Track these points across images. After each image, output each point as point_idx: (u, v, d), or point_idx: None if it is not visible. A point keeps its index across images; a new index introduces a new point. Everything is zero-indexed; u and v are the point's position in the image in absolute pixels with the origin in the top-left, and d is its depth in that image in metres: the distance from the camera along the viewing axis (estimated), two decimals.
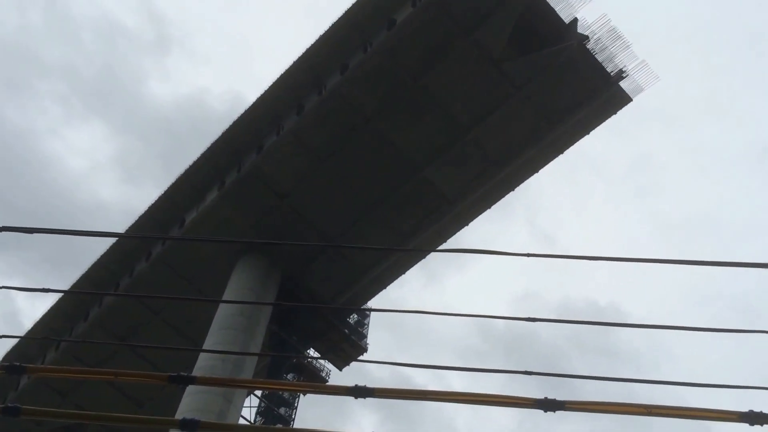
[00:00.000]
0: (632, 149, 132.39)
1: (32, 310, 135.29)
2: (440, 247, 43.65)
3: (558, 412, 7.39)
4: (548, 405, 7.28)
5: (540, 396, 7.32)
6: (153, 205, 44.48)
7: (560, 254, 9.81)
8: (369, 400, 7.56)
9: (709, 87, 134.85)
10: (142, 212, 44.85)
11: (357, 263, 43.90)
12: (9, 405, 7.31)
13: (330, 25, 38.05)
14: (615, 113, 38.41)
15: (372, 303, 47.03)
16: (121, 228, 47.81)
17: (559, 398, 7.30)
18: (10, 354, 49.63)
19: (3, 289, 9.27)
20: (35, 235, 9.55)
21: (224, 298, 41.66)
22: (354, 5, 37.45)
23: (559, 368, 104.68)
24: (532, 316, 9.37)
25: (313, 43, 38.60)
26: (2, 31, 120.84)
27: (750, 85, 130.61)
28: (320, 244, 40.57)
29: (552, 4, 35.70)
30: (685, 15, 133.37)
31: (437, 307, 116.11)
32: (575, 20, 36.12)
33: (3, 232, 9.37)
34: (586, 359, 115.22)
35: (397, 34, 36.18)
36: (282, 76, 39.68)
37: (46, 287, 12.79)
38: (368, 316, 50.56)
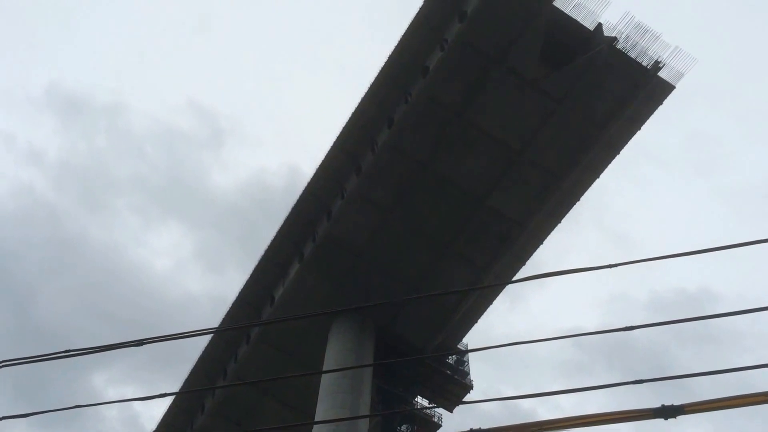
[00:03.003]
0: (683, 130, 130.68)
1: (149, 410, 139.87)
2: (521, 270, 44.35)
3: (679, 417, 7.07)
4: (667, 412, 7.07)
5: (655, 403, 7.05)
6: (242, 289, 46.60)
7: (642, 258, 9.88)
8: None
9: (745, 52, 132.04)
10: (234, 299, 47.05)
11: (444, 303, 44.76)
12: None
13: (369, 84, 39.98)
14: (662, 103, 38.83)
15: (466, 339, 47.60)
16: (216, 317, 50.01)
17: (676, 402, 7.03)
18: None
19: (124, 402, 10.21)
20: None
21: (325, 363, 42.87)
22: (387, 61, 39.29)
23: (663, 366, 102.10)
24: (628, 325, 8.83)
25: (357, 105, 40.53)
26: (75, 159, 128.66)
27: None
28: (402, 298, 41.93)
29: (573, 16, 36.72)
30: None
31: (526, 328, 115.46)
32: (600, 25, 37.04)
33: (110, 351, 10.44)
34: (688, 350, 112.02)
35: (433, 79, 37.79)
36: (335, 142, 41.62)
37: (160, 391, 13.63)
38: (467, 352, 50.95)
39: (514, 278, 45.28)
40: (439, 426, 48.94)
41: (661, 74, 37.56)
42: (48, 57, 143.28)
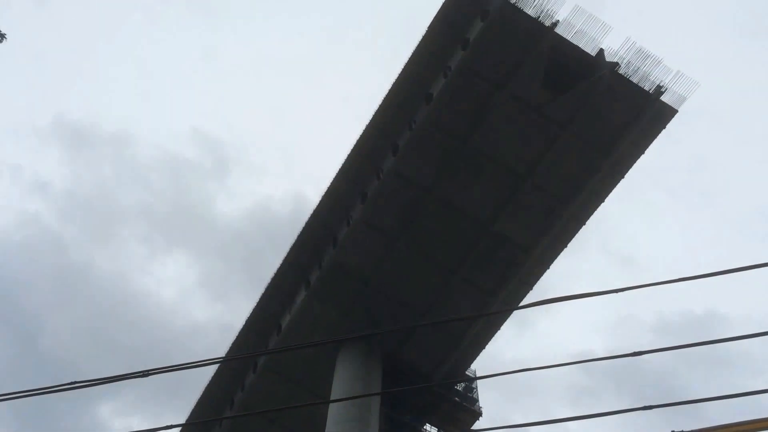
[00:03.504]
0: (686, 154, 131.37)
1: None
2: (528, 294, 44.26)
3: None
4: None
5: (665, 429, 7.21)
6: (249, 318, 46.57)
7: (648, 282, 9.95)
8: None
9: (745, 77, 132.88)
10: (240, 327, 47.00)
11: (452, 330, 44.66)
12: None
13: (374, 112, 40.29)
14: (665, 127, 38.95)
15: (474, 364, 47.38)
16: (222, 345, 49.90)
17: (686, 428, 7.12)
18: None
19: None
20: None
21: (332, 391, 42.71)
22: (392, 88, 39.64)
23: (672, 390, 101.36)
24: (636, 350, 9.18)
25: (362, 132, 40.84)
26: (81, 189, 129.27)
27: None
28: (410, 325, 41.74)
29: (575, 42, 37.03)
30: (703, 12, 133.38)
31: (534, 353, 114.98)
32: (601, 51, 37.32)
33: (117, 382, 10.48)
34: (698, 373, 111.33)
35: (437, 106, 38.08)
36: (341, 169, 41.85)
37: (167, 422, 13.69)
38: (475, 379, 50.67)
39: (521, 303, 45.12)
40: None
41: (664, 98, 37.76)
42: (54, 88, 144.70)
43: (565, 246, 42.86)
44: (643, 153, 39.82)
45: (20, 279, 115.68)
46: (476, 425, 48.58)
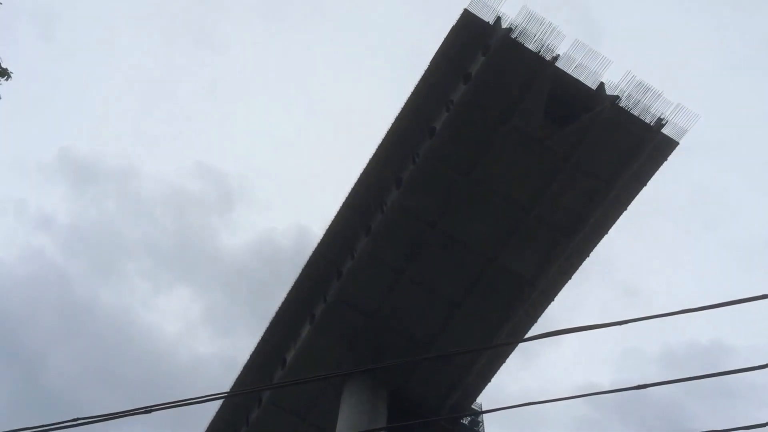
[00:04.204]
0: (688, 184, 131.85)
1: None
2: (533, 327, 44.18)
3: None
4: None
5: None
6: (253, 352, 46.47)
7: (652, 315, 10.04)
8: None
9: (745, 109, 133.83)
10: (245, 362, 46.86)
11: (458, 363, 44.49)
12: None
13: (377, 145, 40.63)
14: (666, 159, 39.21)
15: (480, 397, 47.20)
16: (226, 379, 49.71)
17: None
18: None
19: None
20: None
21: (338, 426, 42.44)
22: (395, 122, 40.03)
23: (680, 422, 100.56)
24: (641, 383, 9.16)
25: (366, 165, 41.13)
26: (85, 224, 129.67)
27: None
28: (415, 358, 41.61)
29: (575, 75, 37.47)
30: (701, 45, 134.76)
31: (539, 385, 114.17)
32: (602, 84, 37.73)
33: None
34: (705, 405, 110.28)
35: (439, 139, 38.42)
36: (344, 202, 42.09)
37: None
38: (481, 413, 50.38)
39: (527, 335, 44.99)
40: None
41: (665, 131, 38.06)
42: (59, 123, 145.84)
43: (570, 278, 42.92)
44: (645, 185, 40.05)
45: (24, 314, 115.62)
46: None
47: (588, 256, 42.15)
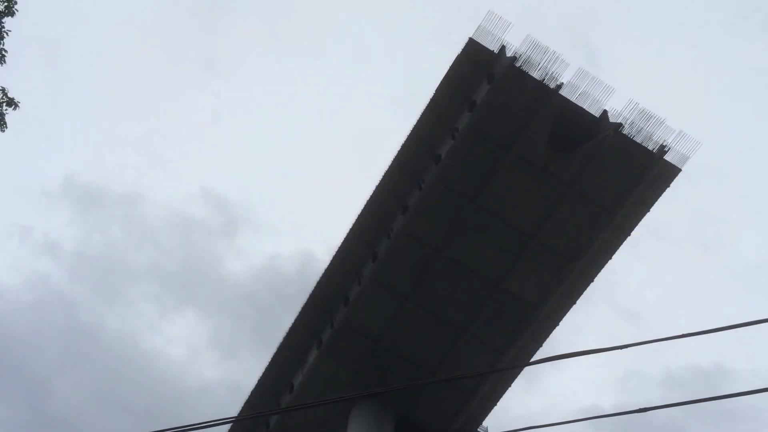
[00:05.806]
0: (690, 210, 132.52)
1: None
2: (538, 351, 44.49)
3: None
4: None
5: None
6: (261, 378, 46.69)
7: (654, 339, 10.52)
8: None
9: (746, 135, 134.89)
10: (252, 387, 47.10)
11: (463, 387, 44.77)
12: None
13: (383, 174, 41.16)
14: (669, 185, 39.69)
15: (485, 421, 47.32)
16: (233, 404, 49.86)
17: None
18: None
19: None
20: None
21: None
22: (400, 150, 40.55)
23: None
24: (642, 407, 9.57)
25: (372, 192, 41.63)
26: (90, 250, 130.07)
27: None
28: (420, 382, 41.92)
29: (579, 103, 38.12)
30: (703, 72, 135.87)
31: (543, 408, 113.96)
32: (605, 112, 38.36)
33: None
34: (706, 427, 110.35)
35: (445, 167, 38.99)
36: (351, 229, 42.55)
37: None
38: None
39: (531, 359, 45.26)
40: None
41: (667, 158, 38.61)
42: (64, 149, 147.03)
43: (574, 303, 43.26)
44: (648, 211, 40.53)
45: (29, 340, 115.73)
46: None
47: (592, 280, 42.52)
